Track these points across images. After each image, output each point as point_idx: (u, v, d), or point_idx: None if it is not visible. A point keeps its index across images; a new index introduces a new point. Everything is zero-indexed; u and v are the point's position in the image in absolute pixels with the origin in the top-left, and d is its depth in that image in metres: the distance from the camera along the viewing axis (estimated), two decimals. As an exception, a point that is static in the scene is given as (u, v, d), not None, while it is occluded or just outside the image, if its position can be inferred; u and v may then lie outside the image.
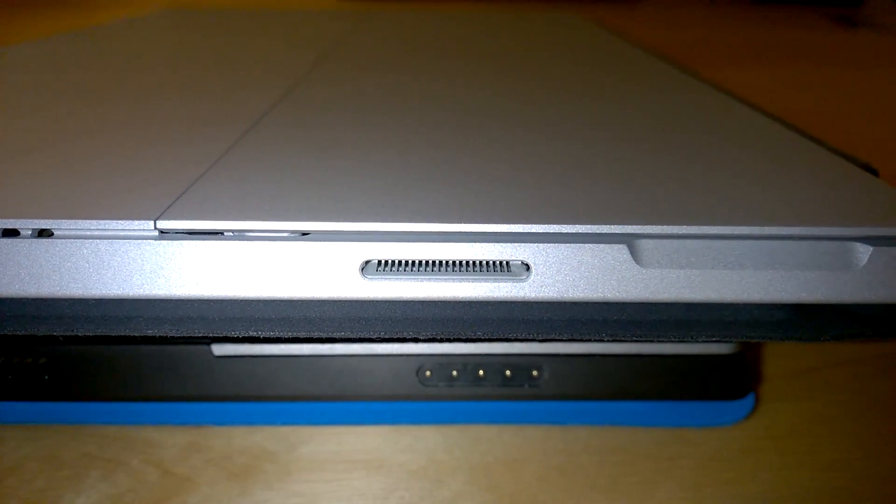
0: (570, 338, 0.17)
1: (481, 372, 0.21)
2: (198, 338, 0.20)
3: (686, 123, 0.24)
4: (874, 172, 0.20)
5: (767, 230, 0.16)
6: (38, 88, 0.28)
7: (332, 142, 0.21)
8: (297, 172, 0.18)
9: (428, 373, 0.21)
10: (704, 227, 0.16)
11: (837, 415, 0.22)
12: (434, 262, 0.16)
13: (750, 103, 0.27)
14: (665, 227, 0.16)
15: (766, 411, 0.22)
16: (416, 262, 0.16)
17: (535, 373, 0.21)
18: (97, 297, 0.16)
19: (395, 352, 0.21)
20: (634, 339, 0.17)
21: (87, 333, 0.16)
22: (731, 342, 0.20)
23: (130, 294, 0.16)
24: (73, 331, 0.16)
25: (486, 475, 0.20)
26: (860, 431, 0.21)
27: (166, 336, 0.16)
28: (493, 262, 0.16)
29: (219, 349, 0.20)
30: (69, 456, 0.20)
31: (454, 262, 0.16)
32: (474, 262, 0.16)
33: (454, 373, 0.21)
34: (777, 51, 0.76)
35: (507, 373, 0.21)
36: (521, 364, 0.21)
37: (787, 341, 0.17)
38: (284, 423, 0.21)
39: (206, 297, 0.16)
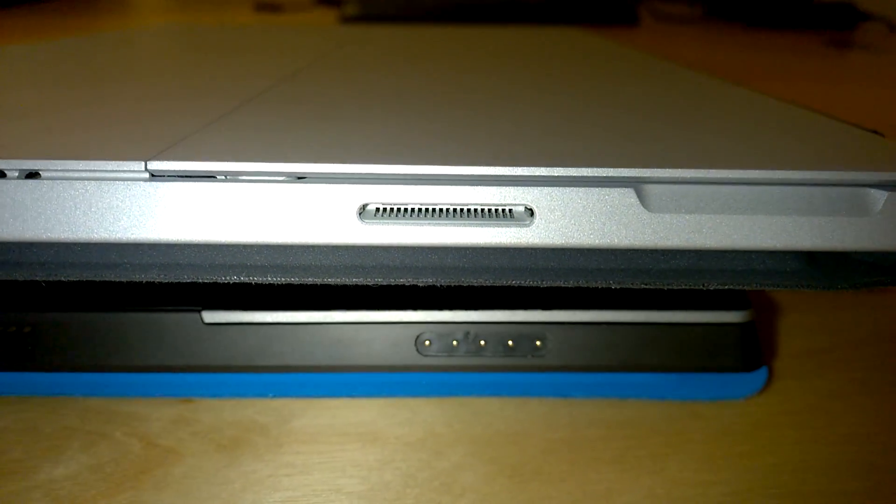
0: (576, 285, 0.16)
1: (483, 342, 0.20)
2: (187, 304, 0.20)
3: (694, 88, 0.24)
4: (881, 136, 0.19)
5: (780, 174, 0.15)
6: (44, 69, 0.28)
7: (333, 98, 0.20)
8: (295, 120, 0.18)
9: (427, 342, 0.20)
10: (715, 170, 0.15)
11: (853, 391, 0.21)
12: (435, 207, 0.16)
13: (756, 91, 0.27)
14: (674, 170, 0.15)
15: (779, 388, 0.21)
16: (416, 207, 0.15)
17: (538, 343, 0.20)
18: (84, 240, 0.15)
19: (392, 319, 0.20)
20: (643, 286, 0.16)
21: (70, 279, 0.16)
22: (742, 309, 0.20)
23: (119, 238, 0.15)
24: (55, 276, 0.16)
25: (487, 447, 0.19)
26: (877, 407, 0.20)
27: (153, 281, 0.16)
28: (496, 209, 0.16)
29: (209, 316, 0.20)
30: (49, 428, 0.19)
31: (456, 209, 0.16)
32: (476, 209, 0.16)
33: (454, 342, 0.20)
34: (773, 69, 0.76)
35: (510, 343, 0.20)
36: (525, 333, 0.20)
37: (801, 289, 0.16)
38: (276, 396, 0.20)
39: (197, 242, 0.15)
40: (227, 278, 0.16)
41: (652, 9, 1.04)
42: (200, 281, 0.16)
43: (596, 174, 0.15)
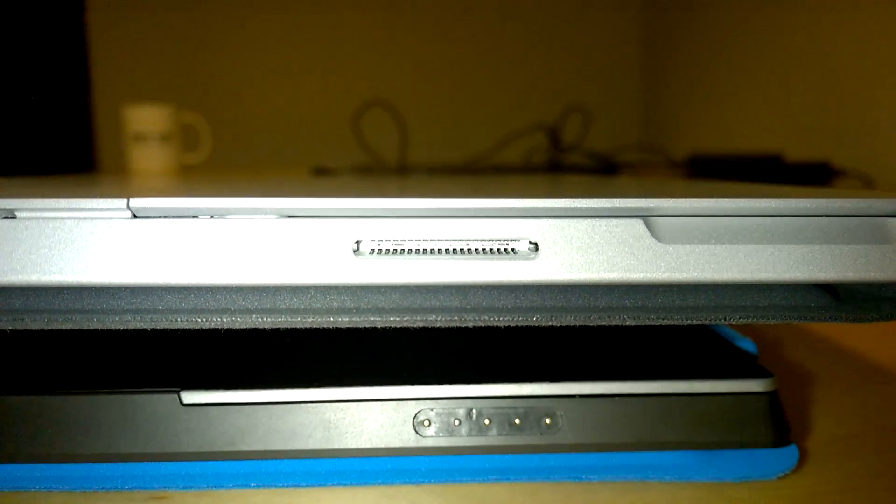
0: (587, 322, 0.15)
1: (487, 420, 0.18)
2: (164, 385, 0.18)
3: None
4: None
5: (795, 203, 0.15)
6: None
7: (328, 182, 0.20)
8: (284, 179, 0.17)
9: (426, 422, 0.18)
10: (727, 200, 0.15)
11: (894, 473, 0.19)
12: (434, 243, 0.15)
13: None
14: (684, 200, 0.15)
15: (813, 470, 0.19)
16: (415, 242, 0.15)
17: (548, 420, 0.18)
18: (58, 283, 0.14)
19: (387, 396, 0.18)
20: (661, 321, 0.15)
21: (37, 327, 0.14)
22: (764, 378, 0.18)
23: (97, 280, 0.14)
24: (21, 324, 0.14)
25: (496, 535, 0.17)
26: (926, 487, 0.18)
27: (129, 329, 0.14)
28: (499, 244, 0.15)
29: (189, 396, 0.18)
30: (-1, 527, 0.17)
31: (457, 243, 0.15)
32: (478, 244, 0.15)
33: (456, 422, 0.18)
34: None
35: (517, 420, 0.18)
36: (533, 408, 0.18)
37: (828, 322, 0.15)
38: (259, 486, 0.18)
39: (181, 285, 0.14)
40: (210, 322, 0.14)
41: (633, 172, 1.09)
42: (179, 327, 0.14)
43: (602, 205, 0.15)
